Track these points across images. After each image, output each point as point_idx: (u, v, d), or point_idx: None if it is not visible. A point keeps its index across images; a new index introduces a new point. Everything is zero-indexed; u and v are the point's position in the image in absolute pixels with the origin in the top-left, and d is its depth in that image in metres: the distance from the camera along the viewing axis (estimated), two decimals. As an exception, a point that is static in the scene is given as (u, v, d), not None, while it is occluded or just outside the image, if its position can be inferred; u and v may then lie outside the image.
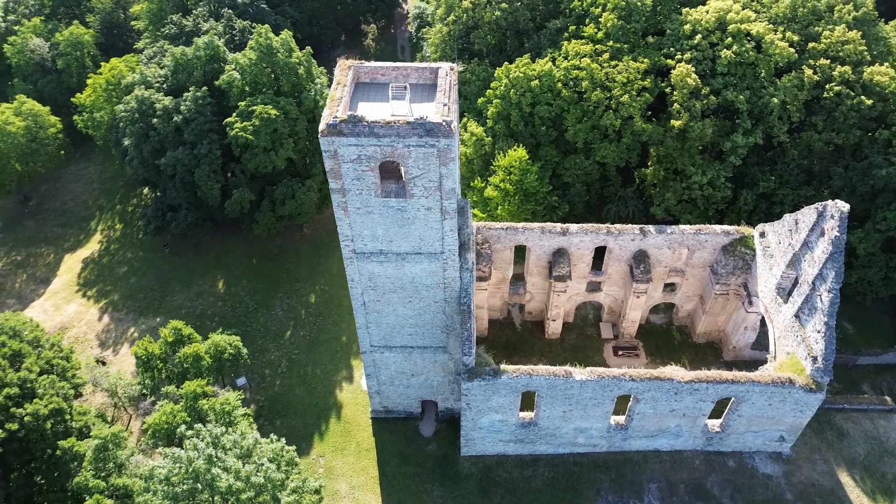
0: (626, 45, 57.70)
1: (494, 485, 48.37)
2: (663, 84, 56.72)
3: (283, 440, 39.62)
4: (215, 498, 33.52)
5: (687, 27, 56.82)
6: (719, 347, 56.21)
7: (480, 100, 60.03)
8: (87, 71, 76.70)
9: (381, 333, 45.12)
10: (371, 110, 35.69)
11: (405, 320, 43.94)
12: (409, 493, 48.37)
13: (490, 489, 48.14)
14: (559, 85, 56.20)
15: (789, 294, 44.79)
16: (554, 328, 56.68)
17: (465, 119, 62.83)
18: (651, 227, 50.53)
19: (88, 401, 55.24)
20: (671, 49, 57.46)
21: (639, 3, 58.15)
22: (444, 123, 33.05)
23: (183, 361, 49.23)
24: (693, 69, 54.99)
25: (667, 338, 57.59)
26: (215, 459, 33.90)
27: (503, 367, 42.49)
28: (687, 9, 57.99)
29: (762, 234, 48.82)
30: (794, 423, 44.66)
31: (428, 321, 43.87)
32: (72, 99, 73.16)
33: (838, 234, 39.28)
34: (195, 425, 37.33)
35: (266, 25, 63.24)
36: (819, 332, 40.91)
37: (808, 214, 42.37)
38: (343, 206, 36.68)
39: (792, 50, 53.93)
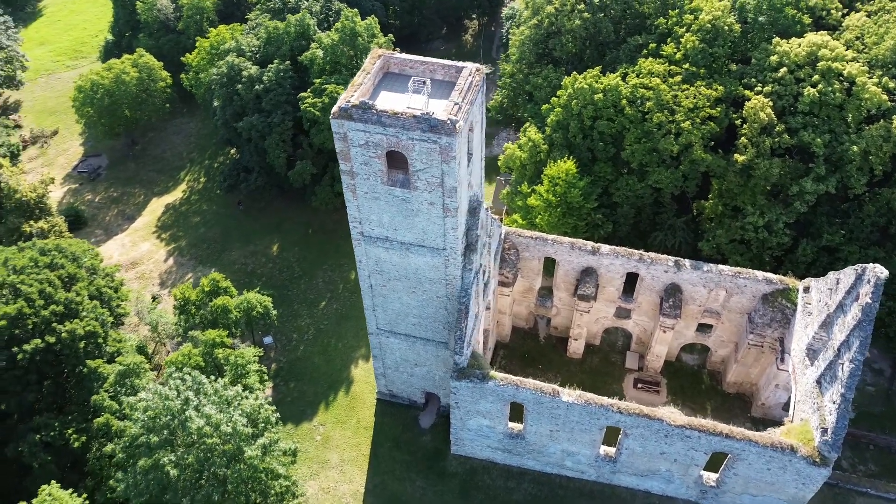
0: (702, 70, 54.96)
1: (476, 489, 48.35)
2: (735, 115, 53.60)
3: (269, 399, 41.79)
4: (189, 437, 36.13)
5: (774, 59, 53.23)
6: (749, 401, 52.69)
7: (545, 106, 59.37)
8: (202, 34, 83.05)
9: (387, 318, 46.28)
10: (390, 100, 36.71)
11: (409, 309, 44.81)
12: (393, 478, 49.41)
13: (471, 492, 48.18)
14: (624, 102, 54.54)
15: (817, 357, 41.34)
16: (575, 347, 55.43)
17: (527, 124, 62.47)
18: (687, 262, 48.19)
19: (138, 331, 60.59)
20: (752, 80, 54.12)
21: (725, 28, 55.15)
22: (448, 121, 33.44)
23: (214, 311, 52.90)
24: (770, 103, 51.61)
25: (695, 380, 54.70)
26: (192, 401, 36.53)
27: (492, 373, 42.41)
28: (778, 39, 54.25)
29: (806, 290, 45.28)
30: (796, 495, 41.24)
31: (430, 314, 44.47)
32: (181, 58, 79.58)
33: (870, 301, 35.88)
34: (184, 368, 40.28)
35: (354, 10, 65.84)
36: (834, 402, 37.58)
37: (848, 275, 38.93)
38: (352, 188, 38.02)
39: (885, 97, 49.21)
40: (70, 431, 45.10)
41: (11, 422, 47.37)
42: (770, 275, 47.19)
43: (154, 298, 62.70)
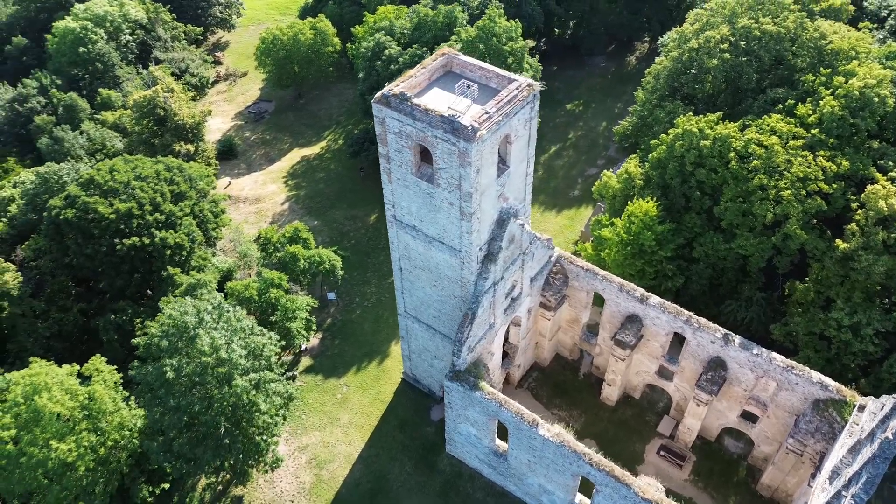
0: (832, 140, 48.96)
1: (456, 493, 48.73)
2: (854, 197, 47.28)
3: (281, 342, 45.60)
4: (193, 352, 40.93)
5: (922, 144, 46.00)
6: (780, 511, 46.99)
7: (653, 141, 56.57)
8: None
9: (413, 303, 47.95)
10: (436, 97, 38.05)
11: (431, 301, 46.09)
12: (386, 454, 51.34)
13: (450, 494, 48.67)
14: (732, 154, 50.40)
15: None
16: (609, 393, 52.94)
17: (633, 155, 59.98)
18: (736, 338, 44.03)
19: (234, 256, 68.16)
20: (889, 162, 47.26)
21: (876, 99, 48.48)
22: (470, 128, 34.06)
23: (286, 255, 58.25)
24: (899, 193, 44.83)
25: (729, 469, 49.76)
26: (206, 323, 41.26)
27: (482, 384, 42.46)
28: (937, 123, 46.70)
29: (861, 409, 39.34)
30: None
31: (448, 311, 45.39)
32: (351, 29, 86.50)
33: (892, 437, 30.70)
34: (214, 292, 45.23)
35: (500, 10, 67.18)
36: (824, 537, 32.83)
37: (889, 404, 33.50)
38: (388, 171, 40.09)
39: None
40: (138, 321, 52.72)
41: (104, 300, 56.58)
42: (827, 379, 41.56)
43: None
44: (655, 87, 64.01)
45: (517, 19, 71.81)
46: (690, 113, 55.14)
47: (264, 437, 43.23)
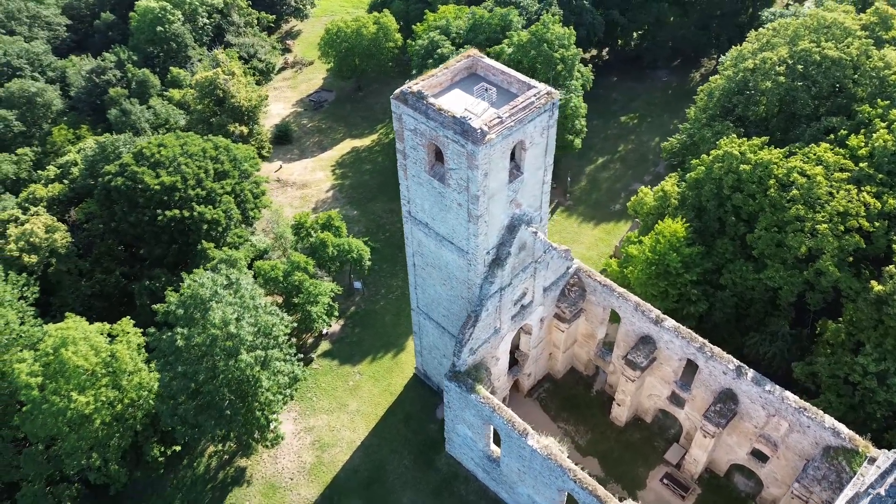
0: (881, 175, 46.22)
1: (450, 493, 48.95)
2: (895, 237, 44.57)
3: (294, 324, 46.92)
4: (205, 323, 42.77)
5: (980, 188, 42.85)
6: (783, 558, 44.83)
7: (694, 161, 54.91)
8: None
9: (426, 300, 48.41)
10: (455, 98, 38.33)
11: (441, 299, 46.41)
12: (387, 445, 52.07)
13: (443, 493, 48.94)
14: (772, 181, 48.37)
15: (826, 534, 34.26)
16: (617, 413, 51.84)
17: (673, 174, 58.39)
18: (749, 371, 42.35)
19: (272, 237, 70.41)
20: (942, 204, 44.26)
21: (935, 136, 45.46)
22: (479, 130, 34.17)
23: (316, 241, 59.84)
24: (947, 238, 41.96)
25: (734, 507, 47.94)
26: (220, 295, 43.01)
27: (478, 387, 42.47)
28: None
29: (871, 461, 37.12)
30: None
31: (456, 312, 45.60)
32: (413, 26, 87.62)
33: (884, 493, 28.96)
34: (232, 268, 47.00)
35: (555, 17, 66.54)
36: (804, 588, 31.25)
37: (892, 459, 31.55)
38: (404, 168, 40.66)
39: None
40: (170, 289, 55.36)
41: (145, 266, 59.71)
42: (840, 426, 39.37)
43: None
44: (707, 106, 62.05)
45: (576, 27, 70.99)
46: (735, 135, 53.16)
47: (264, 413, 44.66)
